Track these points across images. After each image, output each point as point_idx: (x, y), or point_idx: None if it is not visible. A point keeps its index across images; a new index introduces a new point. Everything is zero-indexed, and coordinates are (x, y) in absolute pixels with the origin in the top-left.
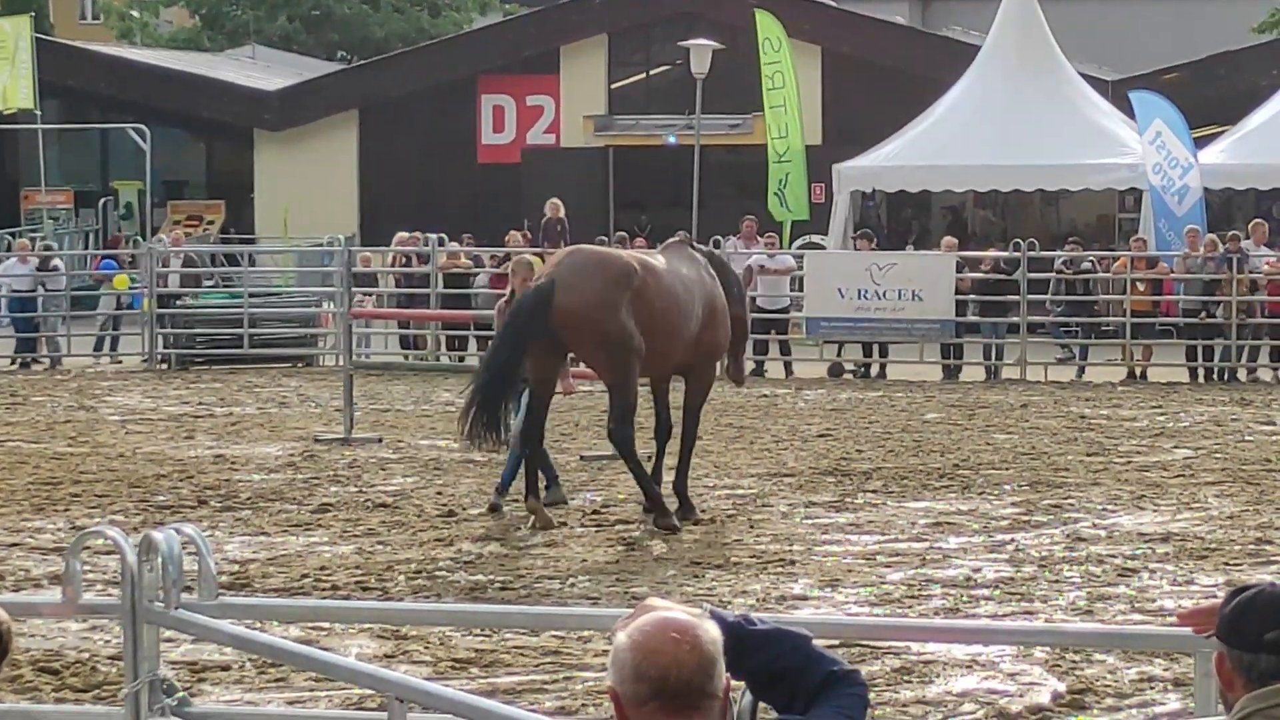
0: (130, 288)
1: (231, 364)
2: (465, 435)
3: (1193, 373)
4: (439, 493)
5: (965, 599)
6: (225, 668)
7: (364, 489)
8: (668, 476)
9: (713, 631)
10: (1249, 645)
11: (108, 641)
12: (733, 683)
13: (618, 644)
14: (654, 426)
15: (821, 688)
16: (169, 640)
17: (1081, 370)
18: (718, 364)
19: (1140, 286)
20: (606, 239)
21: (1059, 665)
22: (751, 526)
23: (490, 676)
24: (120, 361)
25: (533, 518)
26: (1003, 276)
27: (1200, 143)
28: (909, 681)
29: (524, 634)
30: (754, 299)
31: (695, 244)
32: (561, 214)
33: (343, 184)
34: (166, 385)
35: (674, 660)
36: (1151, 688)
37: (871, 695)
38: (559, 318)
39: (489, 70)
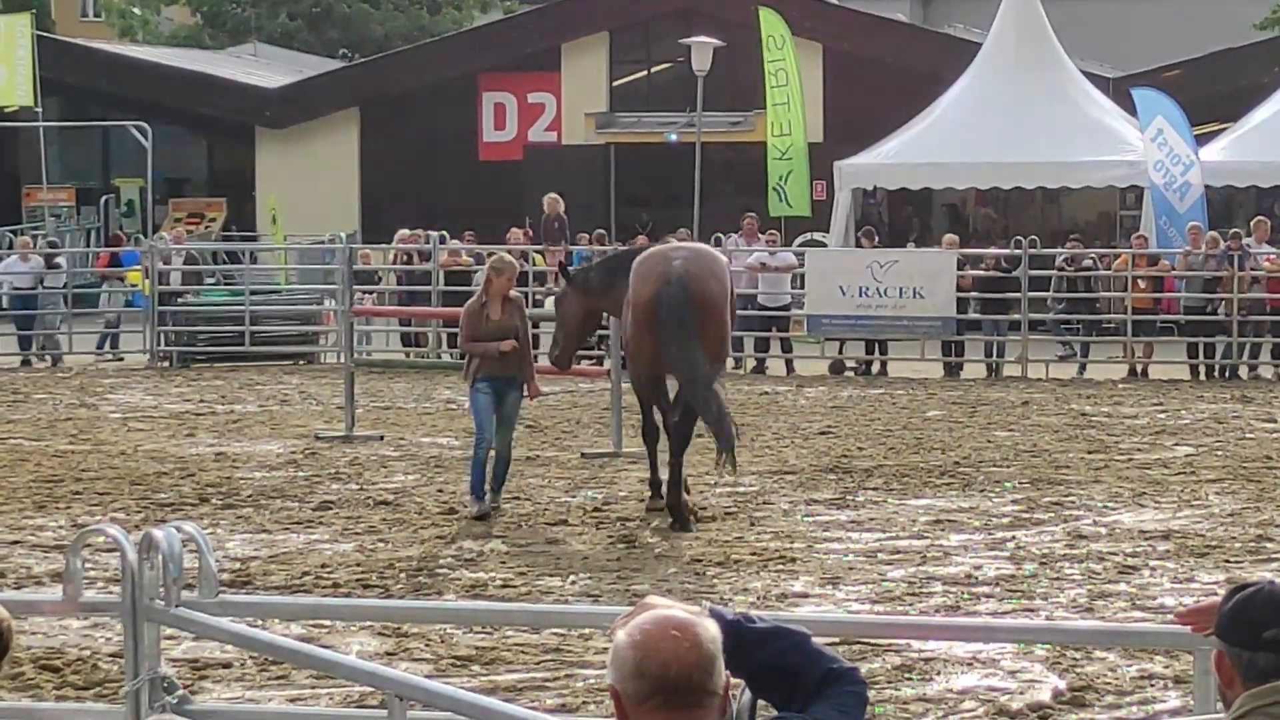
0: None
1: (233, 361)
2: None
3: (1194, 370)
4: (440, 490)
5: (966, 596)
6: (226, 665)
7: (365, 486)
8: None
9: (712, 629)
10: (1248, 643)
11: (109, 639)
12: (732, 680)
13: (617, 642)
14: (642, 430)
15: (820, 685)
16: (170, 638)
17: (1083, 368)
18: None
19: (1141, 284)
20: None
21: (1059, 662)
22: (752, 524)
23: (491, 674)
24: (122, 359)
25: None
26: (1004, 274)
27: (1201, 140)
28: (910, 679)
29: (525, 631)
30: (755, 296)
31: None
32: (560, 209)
33: (344, 181)
34: (168, 383)
35: (673, 658)
36: (1152, 685)
37: (872, 693)
38: (699, 308)
39: (490, 68)
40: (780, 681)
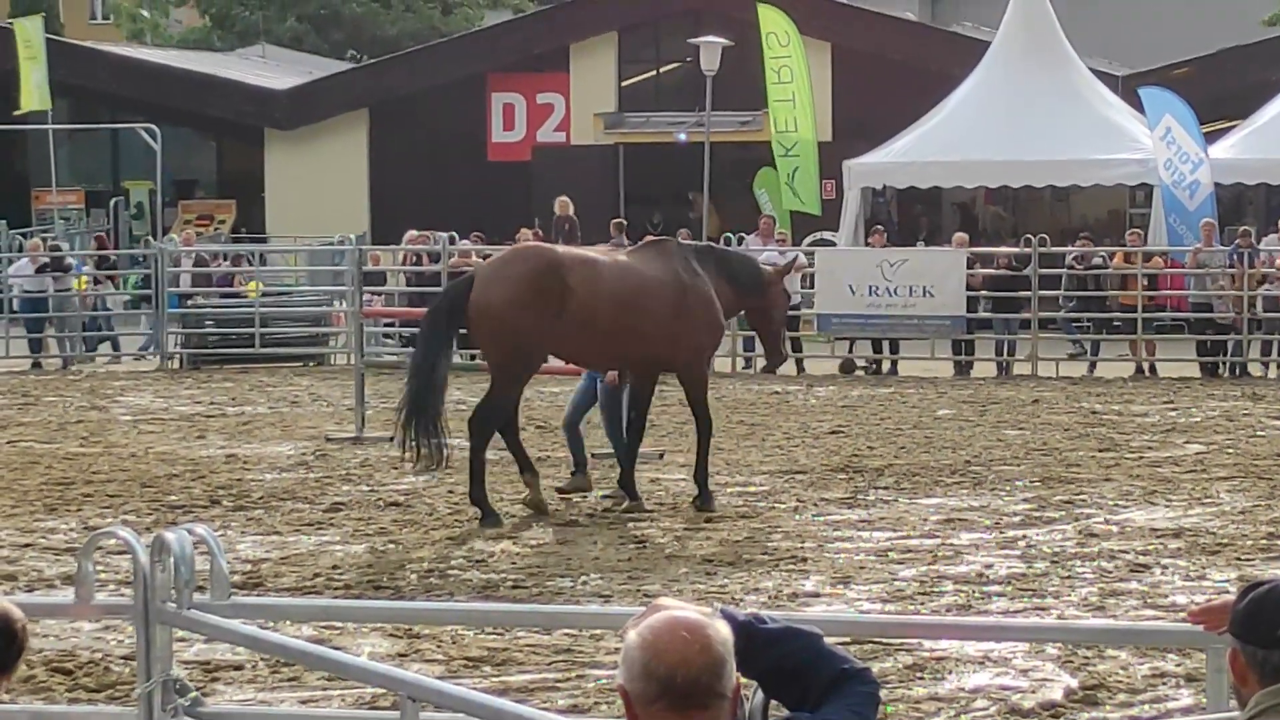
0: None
1: (243, 363)
2: (403, 448)
3: (1204, 368)
4: (451, 491)
5: (977, 595)
6: (238, 667)
7: (376, 488)
8: (679, 473)
9: (723, 631)
10: (1262, 641)
11: (120, 642)
12: (744, 681)
13: (628, 642)
14: (627, 424)
15: (832, 685)
16: (182, 640)
17: (1093, 366)
18: (706, 358)
19: (1144, 281)
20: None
21: (1071, 661)
22: (763, 524)
23: (503, 675)
24: (119, 361)
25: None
26: (1014, 272)
27: (1211, 138)
28: (921, 678)
29: (536, 632)
30: None
31: (683, 241)
32: (570, 211)
33: (353, 183)
34: (178, 385)
35: (682, 659)
36: (1164, 683)
37: (884, 692)
38: (471, 312)
39: (499, 68)
40: (792, 682)
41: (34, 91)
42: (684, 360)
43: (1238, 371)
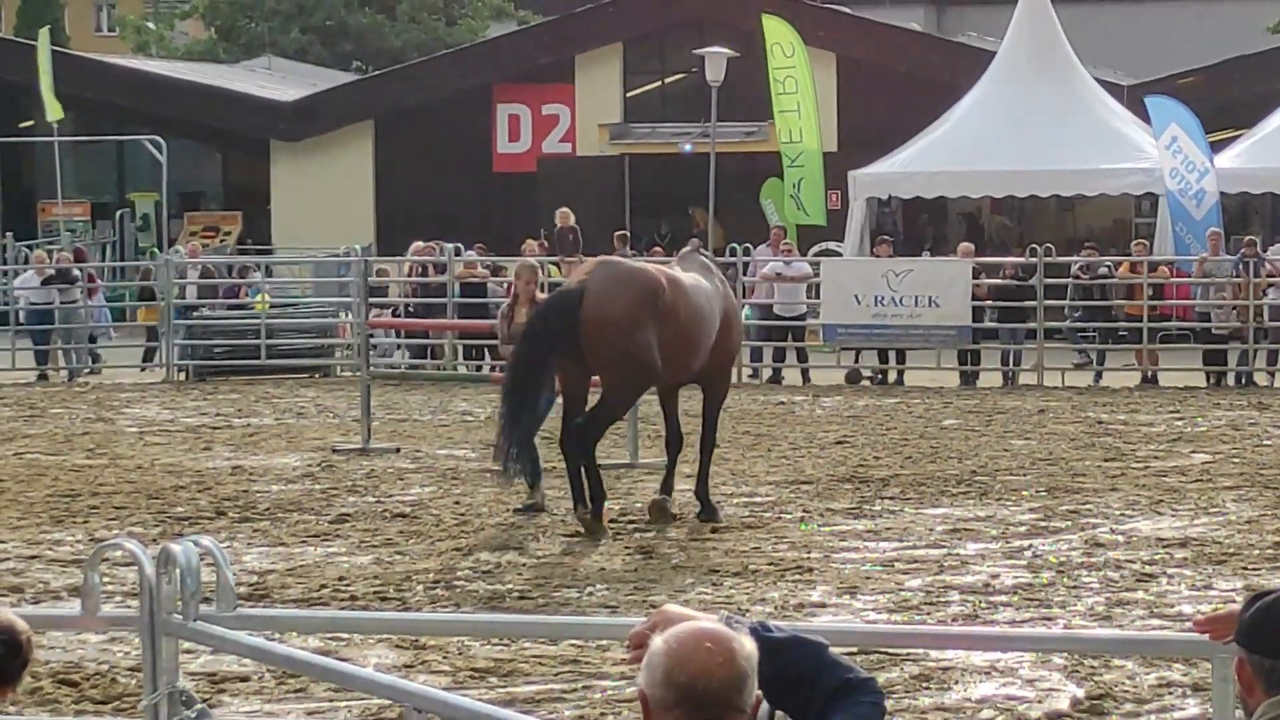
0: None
1: (249, 375)
2: (502, 464)
3: (1210, 377)
4: (457, 502)
5: (983, 605)
6: (244, 679)
7: (382, 499)
8: (684, 485)
9: (748, 646)
10: (1269, 650)
11: (127, 653)
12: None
13: (653, 647)
14: (666, 438)
15: (836, 695)
16: (188, 652)
17: (1099, 375)
18: (732, 369)
19: (1150, 291)
20: (627, 240)
21: (1078, 671)
22: (769, 534)
23: (509, 686)
24: (100, 372)
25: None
26: (1019, 282)
27: (1216, 147)
28: (928, 688)
29: (542, 643)
30: (771, 306)
31: (703, 251)
32: (572, 222)
33: (359, 194)
34: (184, 397)
35: (704, 670)
36: (1170, 693)
37: (890, 702)
38: (587, 328)
39: (504, 79)
40: (796, 691)
41: (53, 103)
42: (725, 370)
43: (1244, 381)
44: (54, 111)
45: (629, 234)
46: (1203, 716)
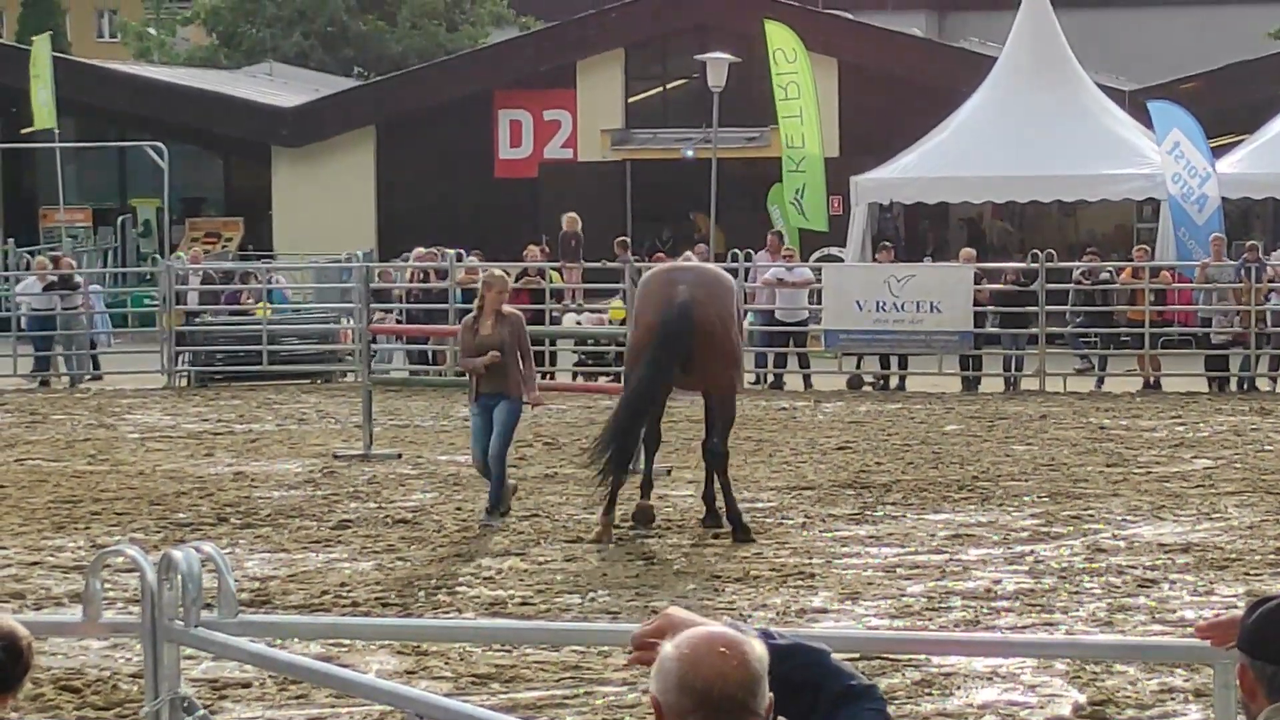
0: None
1: (250, 381)
2: (601, 468)
3: (1211, 383)
4: (458, 508)
5: (985, 611)
6: (246, 685)
7: (383, 505)
8: (686, 490)
9: (759, 649)
10: (1272, 657)
11: (128, 660)
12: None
13: (664, 653)
14: (646, 438)
15: (839, 702)
16: (189, 658)
17: (1101, 381)
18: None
19: (1152, 296)
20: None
21: (1079, 676)
22: (771, 539)
23: (511, 692)
24: (101, 378)
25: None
26: (1021, 288)
27: (1217, 152)
28: (929, 694)
29: (544, 649)
30: (773, 312)
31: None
32: (578, 228)
33: (360, 200)
34: (186, 403)
35: (719, 675)
36: (1172, 699)
37: (892, 708)
38: (700, 336)
39: (506, 85)
40: (799, 698)
41: (40, 110)
42: (740, 375)
43: (1245, 386)
44: (40, 120)
45: (628, 240)
46: None
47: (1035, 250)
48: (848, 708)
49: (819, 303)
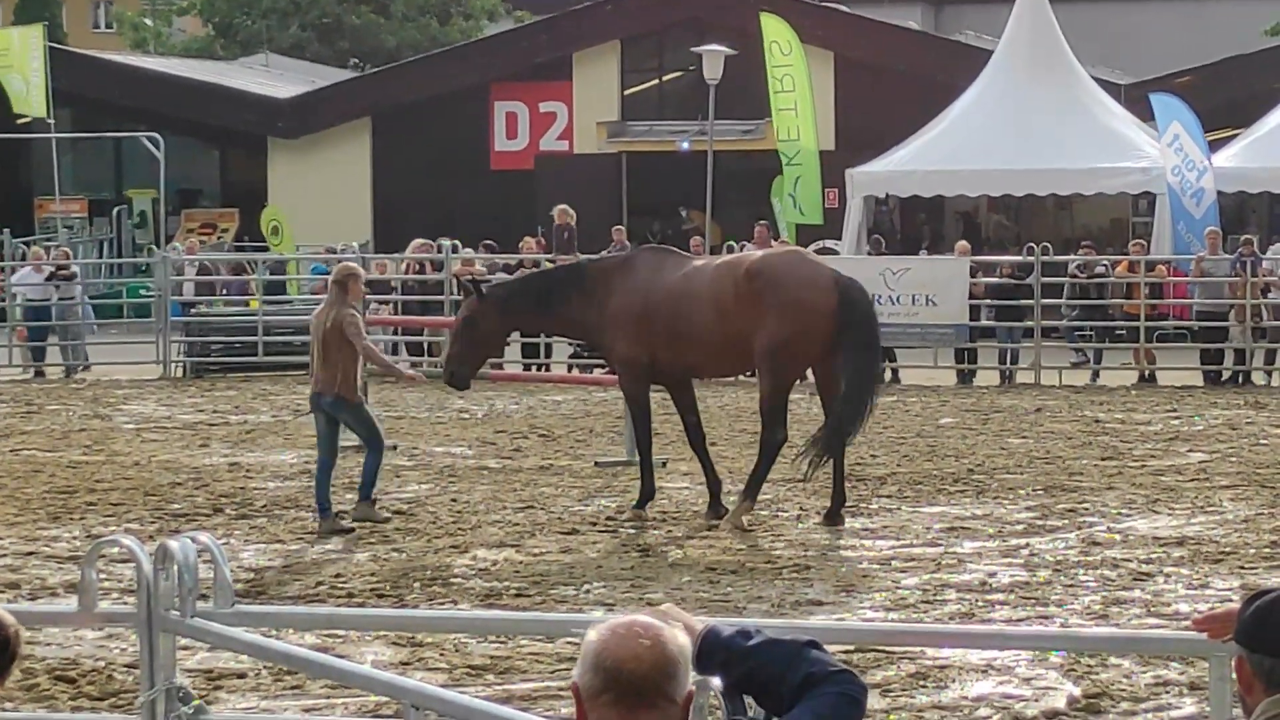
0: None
1: (246, 372)
2: (810, 466)
3: (1207, 376)
4: (454, 500)
5: (980, 604)
6: (241, 675)
7: (379, 496)
8: (682, 482)
9: (680, 638)
10: (1270, 649)
11: (124, 650)
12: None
13: (585, 639)
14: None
15: (800, 689)
16: (185, 648)
17: (1096, 374)
18: None
19: (1147, 289)
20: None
21: (1074, 669)
22: (767, 531)
23: (506, 683)
24: (90, 369)
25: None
26: (1016, 281)
27: (1213, 146)
28: (924, 686)
29: (539, 640)
30: None
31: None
32: (571, 220)
33: (356, 191)
34: (181, 393)
35: (631, 655)
36: (1167, 692)
37: (887, 700)
38: (850, 321)
39: (502, 77)
40: (766, 692)
41: (30, 99)
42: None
43: (1240, 380)
44: (18, 104)
45: (624, 229)
46: (1199, 715)
47: (1031, 244)
48: (810, 692)
49: None
